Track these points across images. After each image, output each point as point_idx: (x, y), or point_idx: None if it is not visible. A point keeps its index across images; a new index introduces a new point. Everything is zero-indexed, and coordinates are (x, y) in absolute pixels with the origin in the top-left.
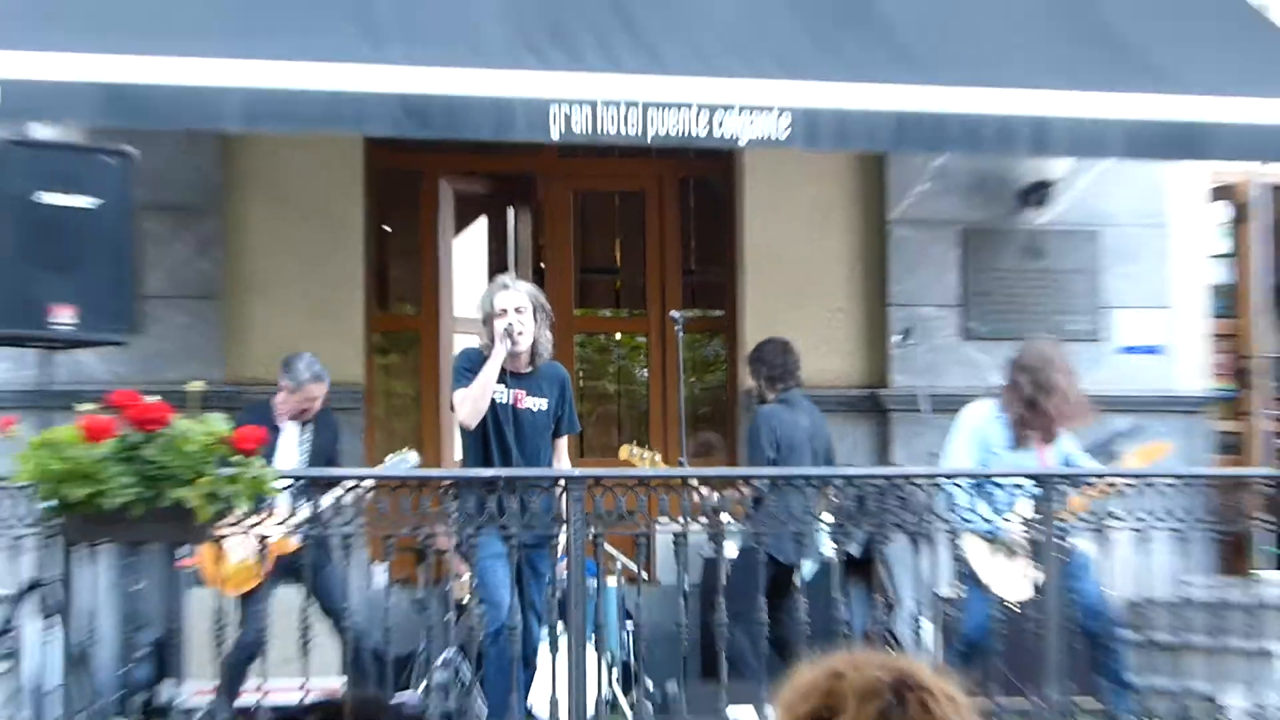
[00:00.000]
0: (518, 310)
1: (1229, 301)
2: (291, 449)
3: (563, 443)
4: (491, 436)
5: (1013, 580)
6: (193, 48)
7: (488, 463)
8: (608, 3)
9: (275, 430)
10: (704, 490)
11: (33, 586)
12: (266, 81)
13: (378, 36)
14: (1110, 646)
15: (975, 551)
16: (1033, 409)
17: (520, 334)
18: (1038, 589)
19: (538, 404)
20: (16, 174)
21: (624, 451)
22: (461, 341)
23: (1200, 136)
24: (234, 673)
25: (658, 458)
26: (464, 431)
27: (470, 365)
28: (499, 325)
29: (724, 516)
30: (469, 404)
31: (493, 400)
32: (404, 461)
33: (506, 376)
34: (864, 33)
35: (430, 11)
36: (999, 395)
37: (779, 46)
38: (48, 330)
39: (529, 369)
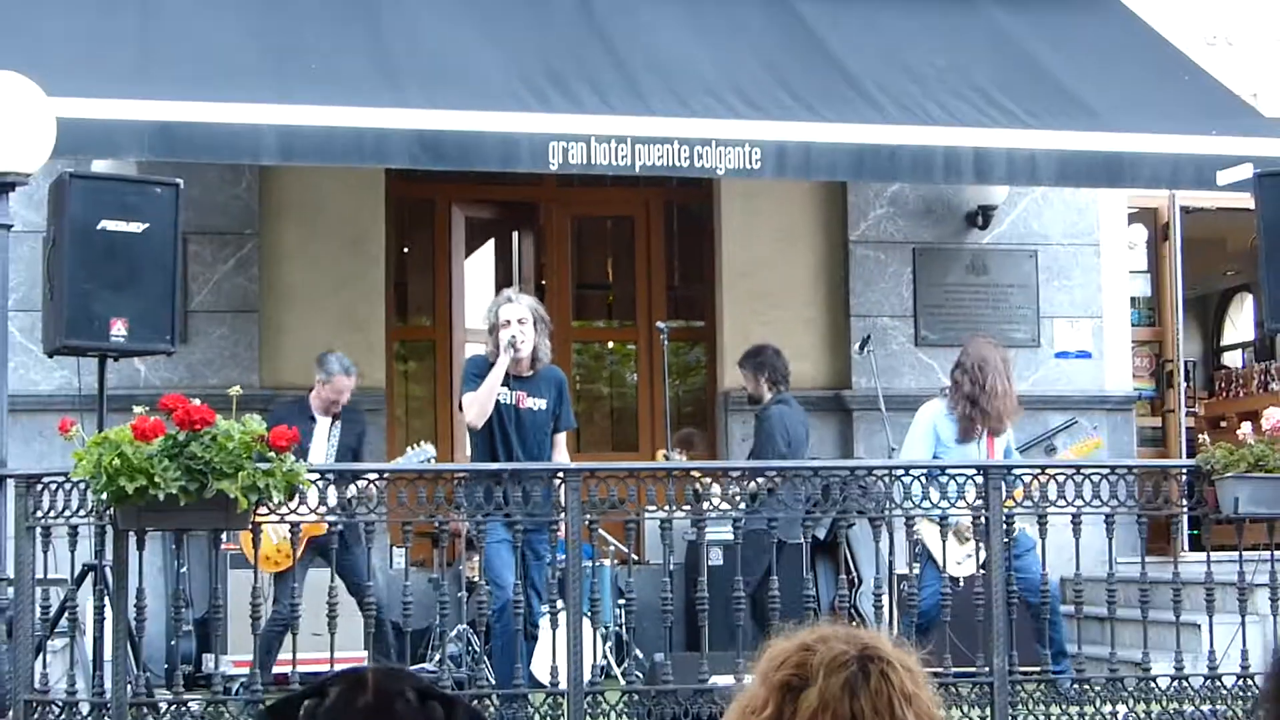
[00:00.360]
0: (520, 321)
1: (1149, 311)
2: (322, 441)
3: (561, 438)
4: (497, 434)
5: (961, 559)
6: (232, 91)
7: (494, 458)
8: (600, 51)
9: (310, 422)
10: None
11: (89, 569)
12: (299, 120)
13: (397, 81)
14: (1050, 619)
15: (929, 535)
16: (974, 405)
17: (522, 344)
18: (982, 567)
19: (538, 404)
20: (80, 204)
21: (659, 455)
22: (471, 350)
23: (1123, 166)
24: (269, 645)
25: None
26: (472, 431)
27: (478, 371)
28: (503, 335)
29: (716, 502)
30: (476, 407)
31: (498, 401)
32: (423, 453)
33: (510, 380)
34: (824, 75)
35: (443, 59)
36: (948, 394)
37: (750, 89)
38: (108, 342)
39: (530, 373)
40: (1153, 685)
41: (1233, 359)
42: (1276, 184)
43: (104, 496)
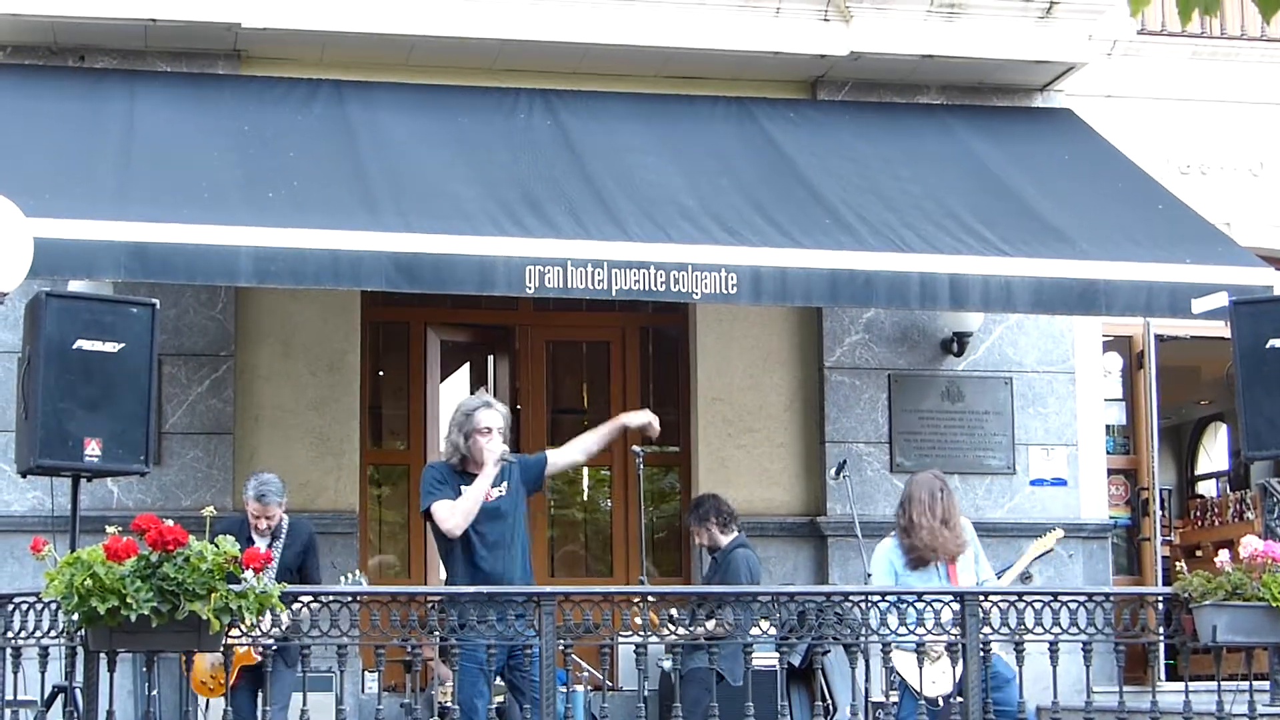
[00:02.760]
0: (500, 430)
1: (1124, 439)
2: None
3: (549, 454)
4: (471, 532)
5: (936, 678)
6: (209, 213)
7: (471, 558)
8: (577, 176)
9: (249, 542)
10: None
11: (59, 691)
12: (274, 242)
13: (373, 204)
14: None
15: (901, 661)
16: (908, 537)
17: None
18: (959, 687)
19: (500, 490)
20: (56, 323)
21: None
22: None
23: (1098, 294)
24: None
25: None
26: (440, 538)
27: (441, 478)
28: (487, 444)
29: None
30: (459, 516)
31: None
32: (357, 583)
33: (466, 479)
34: (800, 201)
35: (420, 182)
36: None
37: (726, 214)
38: (82, 462)
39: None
40: None
41: (1207, 488)
42: (1252, 312)
43: (75, 617)
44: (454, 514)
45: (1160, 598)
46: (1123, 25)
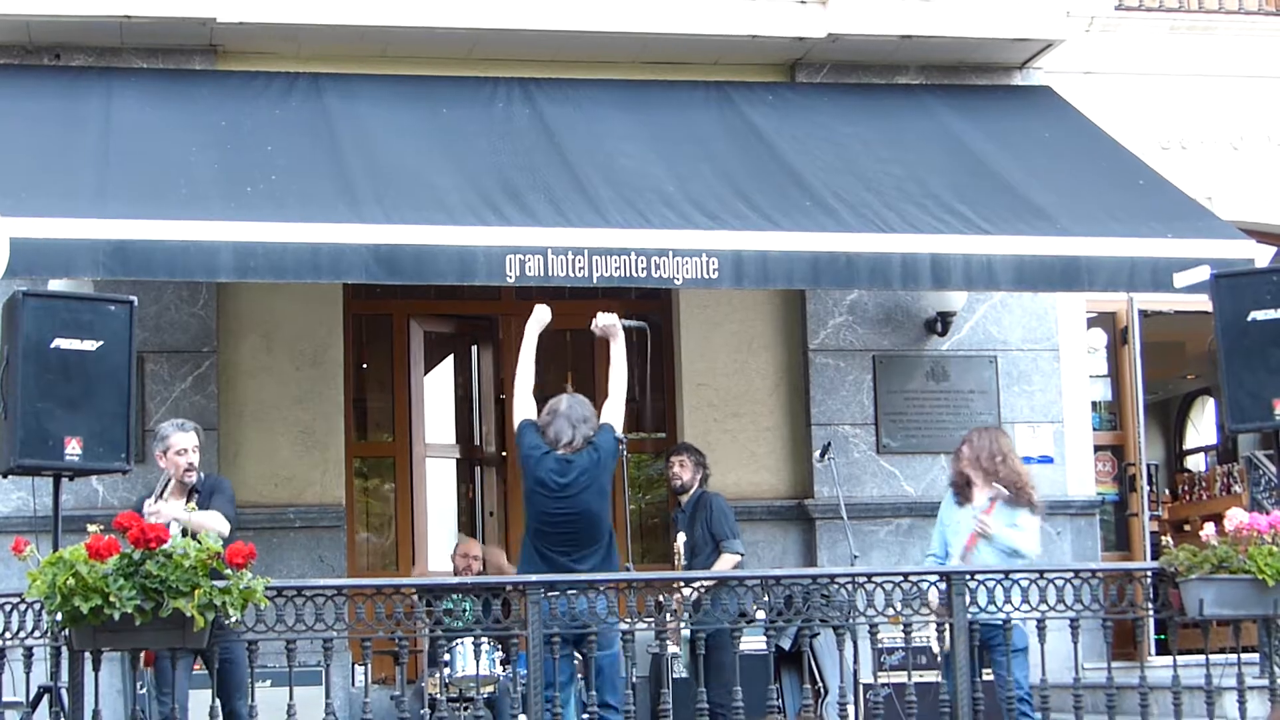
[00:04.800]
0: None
1: (1110, 416)
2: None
3: None
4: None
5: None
6: (188, 209)
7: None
8: (556, 164)
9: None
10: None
11: (45, 691)
12: (254, 237)
13: (353, 197)
14: None
15: None
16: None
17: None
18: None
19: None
20: (34, 322)
21: (678, 543)
22: (433, 466)
23: (1080, 270)
24: None
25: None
26: None
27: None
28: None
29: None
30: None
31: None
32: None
33: None
34: (780, 185)
35: (399, 174)
36: None
37: (706, 199)
38: (63, 461)
39: None
40: None
41: (1195, 462)
42: (1234, 285)
43: (59, 617)
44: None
45: (1148, 573)
46: (1100, 1)
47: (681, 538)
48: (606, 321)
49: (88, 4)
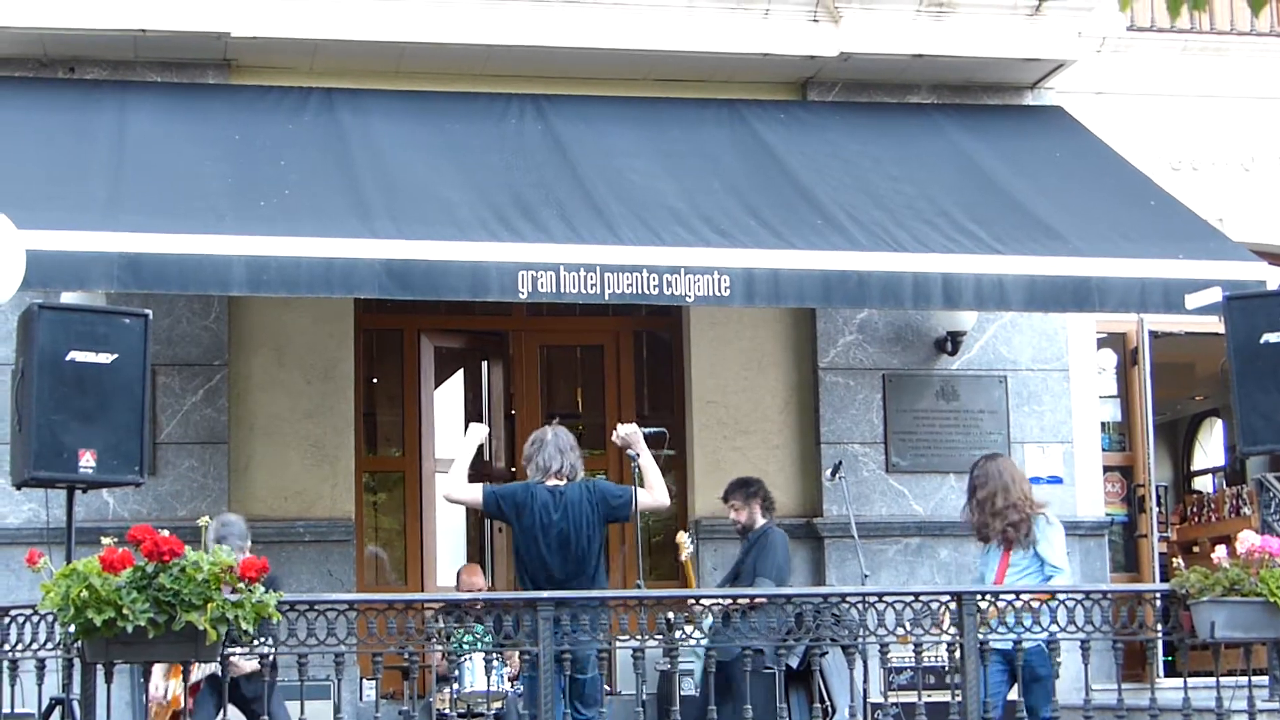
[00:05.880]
0: None
1: (1119, 436)
2: None
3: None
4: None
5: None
6: (202, 223)
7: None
8: (569, 180)
9: None
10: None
11: (57, 703)
12: (267, 251)
13: (366, 211)
14: None
15: None
16: (967, 515)
17: None
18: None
19: None
20: (49, 335)
21: (679, 537)
22: (441, 480)
23: (1091, 291)
24: None
25: (692, 549)
26: None
27: None
28: None
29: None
30: None
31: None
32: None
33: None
34: (792, 203)
35: (412, 189)
36: None
37: (718, 216)
38: (77, 473)
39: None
40: None
41: (1203, 484)
42: (1246, 307)
43: (72, 629)
44: None
45: (1158, 594)
46: (1112, 21)
47: (682, 535)
48: (626, 432)
49: (102, 18)
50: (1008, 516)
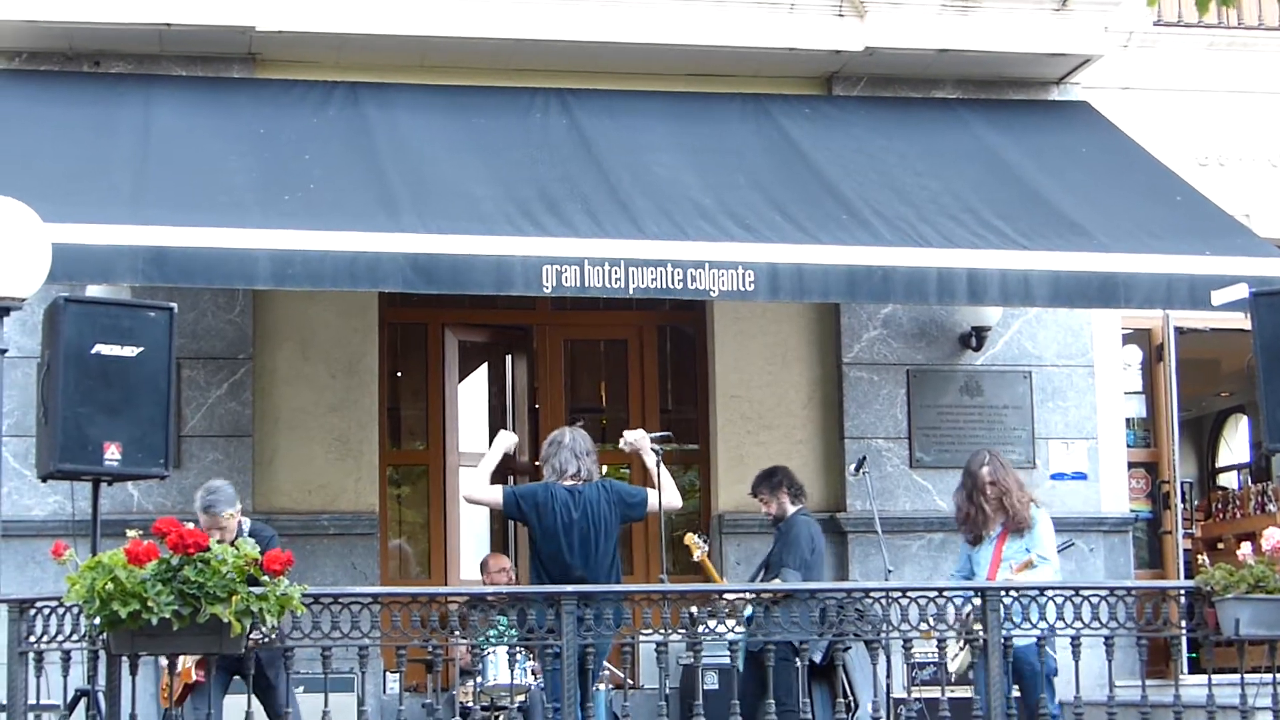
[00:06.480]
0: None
1: (1144, 432)
2: None
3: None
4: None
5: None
6: (227, 216)
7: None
8: (593, 174)
9: None
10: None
11: (82, 695)
12: (292, 244)
13: (390, 205)
14: None
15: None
16: (966, 512)
17: None
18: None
19: None
20: (74, 328)
21: (688, 539)
22: (466, 474)
23: (1117, 287)
24: None
25: (705, 546)
26: None
27: None
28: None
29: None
30: None
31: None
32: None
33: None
34: (816, 198)
35: (437, 183)
36: None
37: (742, 211)
38: (102, 466)
39: None
40: None
41: (1228, 480)
42: (1273, 303)
43: (97, 621)
44: None
45: (1182, 591)
46: (1139, 16)
47: (690, 536)
48: (634, 438)
49: (128, 12)
50: (1017, 509)
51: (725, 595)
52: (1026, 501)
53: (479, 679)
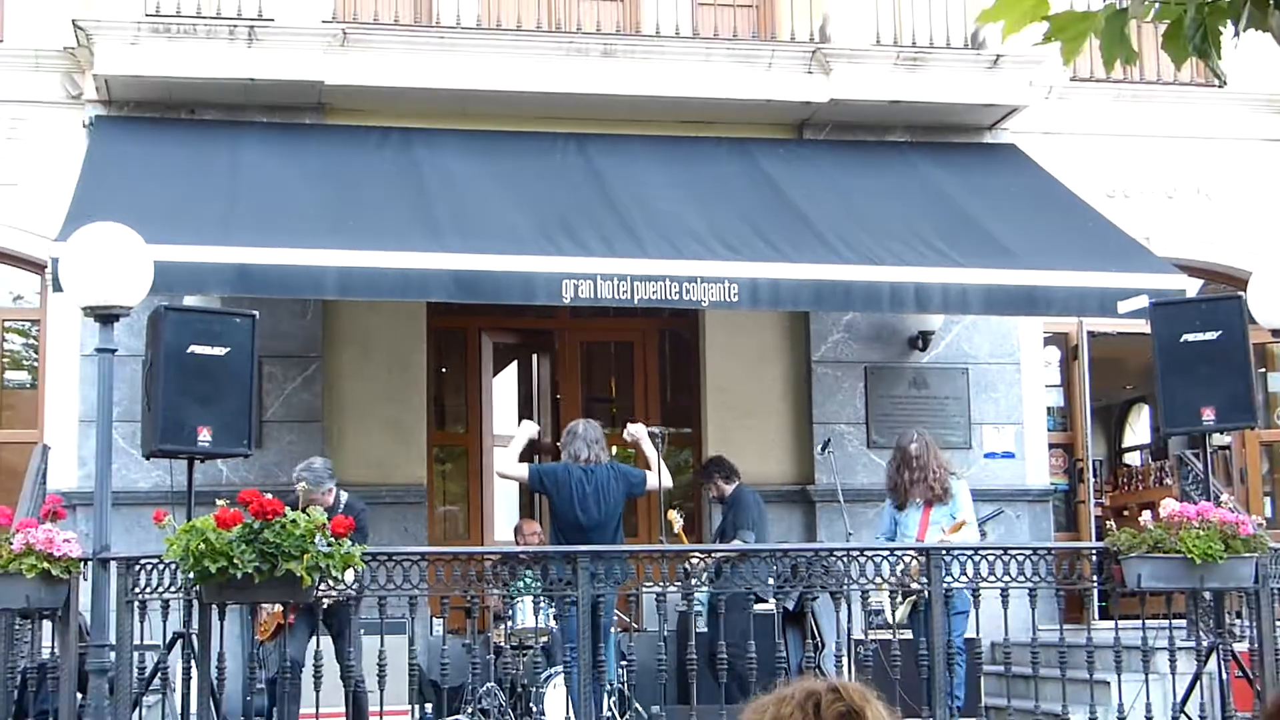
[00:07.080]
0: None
1: (1062, 419)
2: None
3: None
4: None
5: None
6: (300, 239)
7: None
8: (604, 205)
9: None
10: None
11: (178, 637)
12: (355, 263)
13: (436, 230)
14: (953, 671)
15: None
16: (894, 481)
17: None
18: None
19: None
20: (173, 332)
21: (670, 514)
22: (499, 454)
23: (1038, 298)
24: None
25: (680, 521)
26: None
27: None
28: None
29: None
30: None
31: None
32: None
33: None
34: (790, 224)
35: (475, 211)
36: None
37: (729, 235)
38: (196, 446)
39: None
40: None
41: (1132, 459)
42: (1169, 312)
43: (191, 576)
44: None
45: (1094, 551)
46: (1058, 73)
47: (671, 512)
48: (635, 431)
49: (218, 68)
50: (942, 481)
51: (713, 555)
52: (945, 475)
53: (509, 623)
